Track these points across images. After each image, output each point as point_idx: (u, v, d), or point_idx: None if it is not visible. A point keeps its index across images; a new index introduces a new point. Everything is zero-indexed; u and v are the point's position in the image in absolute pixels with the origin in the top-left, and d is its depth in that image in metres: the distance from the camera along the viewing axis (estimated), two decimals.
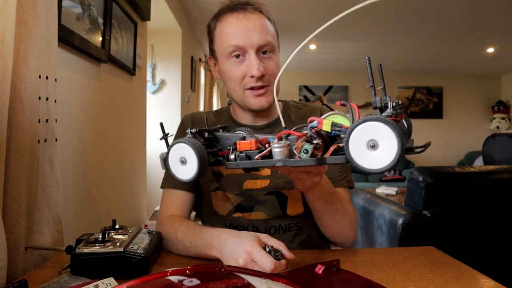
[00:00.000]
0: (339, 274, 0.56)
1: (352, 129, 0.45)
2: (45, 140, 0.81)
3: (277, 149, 0.53)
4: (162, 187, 0.97)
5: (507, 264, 1.67)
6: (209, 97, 4.53)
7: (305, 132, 0.52)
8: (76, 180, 1.20)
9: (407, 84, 6.62)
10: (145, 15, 1.94)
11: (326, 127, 0.50)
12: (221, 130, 0.65)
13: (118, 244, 0.69)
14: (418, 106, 6.67)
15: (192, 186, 0.96)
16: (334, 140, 0.53)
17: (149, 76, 3.07)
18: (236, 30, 0.84)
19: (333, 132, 0.51)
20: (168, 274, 0.42)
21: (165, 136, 0.63)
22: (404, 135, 0.43)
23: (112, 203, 1.54)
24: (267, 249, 0.64)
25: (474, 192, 1.72)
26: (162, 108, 3.11)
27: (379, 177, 5.63)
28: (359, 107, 0.49)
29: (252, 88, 0.87)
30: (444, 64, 5.91)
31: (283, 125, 0.59)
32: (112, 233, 0.75)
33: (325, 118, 0.52)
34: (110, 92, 1.52)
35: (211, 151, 0.60)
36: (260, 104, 0.88)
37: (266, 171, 0.92)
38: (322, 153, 0.52)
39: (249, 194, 0.90)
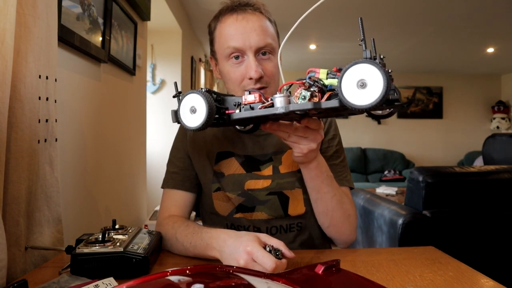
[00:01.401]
0: (339, 274, 0.56)
1: (345, 71, 0.51)
2: (45, 140, 0.81)
3: (278, 98, 0.59)
4: (162, 187, 0.97)
5: (507, 264, 1.67)
6: None
7: (303, 81, 0.58)
8: (76, 180, 1.20)
9: (407, 84, 6.61)
10: (145, 15, 1.94)
11: (322, 75, 0.57)
12: (227, 96, 0.70)
13: (118, 244, 0.69)
14: (418, 106, 6.66)
15: (193, 186, 0.96)
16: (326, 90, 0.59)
17: (149, 76, 3.07)
18: (235, 32, 0.85)
19: (328, 86, 0.57)
20: (168, 274, 0.42)
21: (178, 94, 0.68)
22: (390, 82, 0.48)
23: (112, 203, 1.54)
24: (268, 249, 0.65)
25: (474, 192, 1.72)
26: (162, 108, 3.11)
27: (379, 177, 5.63)
28: None
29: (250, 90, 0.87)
30: (444, 64, 5.91)
31: (283, 80, 0.64)
32: (112, 233, 0.75)
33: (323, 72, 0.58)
34: (110, 92, 1.52)
35: (218, 107, 0.65)
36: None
37: (268, 171, 0.92)
38: (318, 100, 0.57)
39: (251, 194, 0.91)
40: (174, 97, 0.69)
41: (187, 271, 0.43)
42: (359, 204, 2.22)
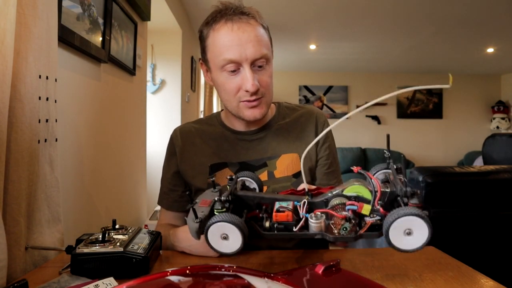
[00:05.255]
0: (339, 274, 0.56)
1: (393, 221, 0.53)
2: (45, 140, 0.81)
3: (315, 224, 0.59)
4: (158, 204, 1.02)
5: (507, 264, 1.67)
6: (209, 97, 4.53)
7: (344, 214, 0.59)
8: (76, 180, 1.20)
9: (407, 84, 6.61)
10: (145, 15, 1.94)
11: (365, 211, 0.58)
12: (236, 185, 0.67)
13: (118, 244, 0.69)
14: (418, 106, 6.66)
15: (182, 205, 1.00)
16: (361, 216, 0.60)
17: (149, 76, 3.07)
18: (230, 43, 0.82)
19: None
20: (168, 274, 0.42)
21: (192, 205, 0.62)
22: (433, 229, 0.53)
23: (112, 203, 1.54)
24: None
25: (474, 192, 1.72)
26: (162, 108, 3.11)
27: None
28: (359, 106, 0.52)
29: (246, 101, 0.86)
30: (444, 64, 5.91)
31: (309, 197, 0.63)
32: (112, 233, 0.75)
33: (348, 187, 0.60)
34: (110, 92, 1.52)
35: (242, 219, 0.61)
36: (254, 116, 0.88)
37: (263, 177, 0.92)
38: (356, 229, 0.59)
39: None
40: (188, 208, 0.62)
41: (187, 271, 0.43)
42: None
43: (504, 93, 6.71)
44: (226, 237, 0.58)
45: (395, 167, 0.63)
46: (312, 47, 4.82)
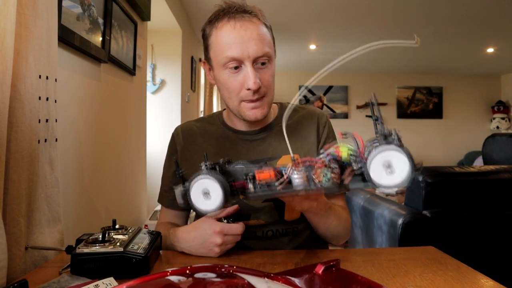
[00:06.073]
0: (339, 274, 0.56)
1: (373, 157, 0.52)
2: (45, 140, 0.81)
3: (297, 176, 0.57)
4: (158, 202, 1.02)
5: (507, 264, 1.67)
6: (209, 97, 4.53)
7: (323, 159, 0.57)
8: (76, 180, 1.20)
9: (407, 84, 6.62)
10: (145, 15, 1.94)
11: (344, 154, 0.56)
12: (227, 165, 0.68)
13: (118, 244, 0.69)
14: (418, 106, 6.66)
15: (186, 204, 0.99)
16: (344, 166, 0.58)
17: (149, 76, 3.07)
18: (233, 41, 0.82)
19: (344, 163, 0.57)
20: (168, 274, 0.42)
21: (180, 173, 0.65)
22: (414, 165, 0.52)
23: (112, 203, 1.54)
24: (225, 221, 0.76)
25: (474, 192, 1.72)
26: (162, 108, 3.11)
27: None
28: (360, 107, 0.52)
29: (248, 101, 0.86)
30: (444, 64, 5.91)
31: (291, 153, 0.62)
32: (112, 233, 0.75)
33: (333, 147, 0.58)
34: (110, 92, 1.52)
35: (229, 184, 0.63)
36: (255, 116, 0.88)
37: None
38: (339, 178, 0.57)
39: (246, 202, 0.90)
40: (177, 176, 0.66)
41: (187, 271, 0.43)
42: (359, 204, 2.22)
43: (504, 93, 6.72)
44: (208, 193, 0.60)
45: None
46: (312, 47, 4.82)
